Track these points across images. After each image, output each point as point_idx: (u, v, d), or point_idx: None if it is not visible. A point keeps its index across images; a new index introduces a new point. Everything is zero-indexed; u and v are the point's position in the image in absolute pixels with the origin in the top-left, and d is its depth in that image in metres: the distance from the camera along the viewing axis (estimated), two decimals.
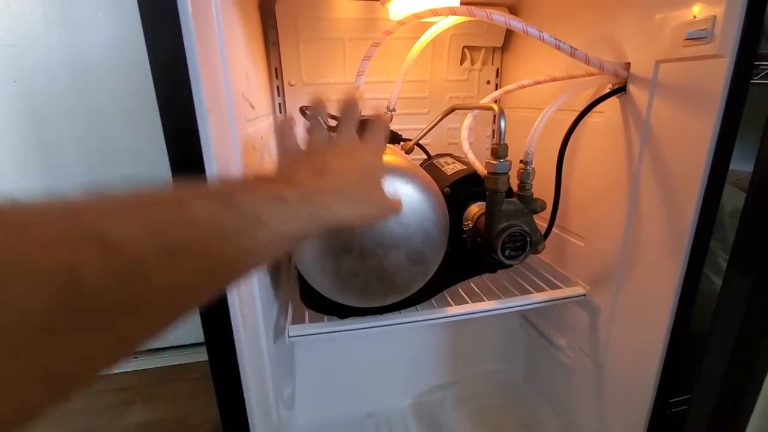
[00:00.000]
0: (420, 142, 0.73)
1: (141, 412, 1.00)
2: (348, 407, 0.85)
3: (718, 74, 0.42)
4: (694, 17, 0.44)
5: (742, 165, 0.56)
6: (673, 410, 0.55)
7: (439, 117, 0.69)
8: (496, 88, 0.86)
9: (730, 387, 0.51)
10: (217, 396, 0.41)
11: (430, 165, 0.70)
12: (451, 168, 0.66)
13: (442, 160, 0.71)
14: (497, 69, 0.84)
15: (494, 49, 0.82)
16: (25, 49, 0.96)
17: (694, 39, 0.44)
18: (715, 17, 0.42)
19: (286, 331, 0.54)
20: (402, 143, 0.73)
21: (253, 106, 0.53)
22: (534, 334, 0.82)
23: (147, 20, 0.30)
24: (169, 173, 0.33)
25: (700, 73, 0.44)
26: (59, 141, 1.02)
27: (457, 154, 0.74)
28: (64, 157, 1.03)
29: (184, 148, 0.31)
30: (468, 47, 0.81)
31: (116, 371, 1.13)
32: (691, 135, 0.45)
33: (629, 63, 0.52)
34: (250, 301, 0.45)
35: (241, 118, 0.45)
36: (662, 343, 0.51)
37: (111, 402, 1.03)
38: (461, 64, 0.82)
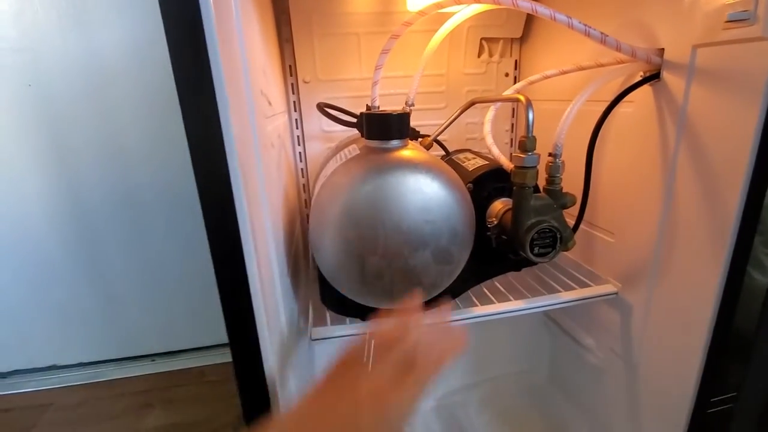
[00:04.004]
0: (438, 137, 0.71)
1: (160, 416, 0.99)
2: None
3: (762, 58, 0.39)
4: None
5: None
6: (716, 409, 0.53)
7: (459, 111, 0.67)
8: (515, 81, 0.83)
9: None
10: (242, 401, 0.40)
11: (449, 161, 0.69)
12: (472, 164, 0.64)
13: (461, 156, 0.69)
14: (516, 61, 0.82)
15: (513, 40, 0.80)
16: (40, 52, 0.96)
17: (735, 21, 0.41)
18: None
19: (308, 334, 0.53)
20: (420, 139, 0.71)
21: (270, 103, 0.52)
22: (559, 333, 0.80)
23: (168, 15, 0.28)
24: (184, 175, 0.32)
25: (743, 57, 0.41)
26: (74, 144, 1.02)
27: (476, 150, 0.72)
28: (79, 160, 1.03)
29: (206, 146, 0.30)
30: (486, 39, 0.79)
31: (135, 374, 1.13)
32: (733, 123, 0.43)
33: (662, 49, 0.49)
34: (274, 302, 0.43)
35: (261, 115, 0.44)
36: (703, 342, 0.48)
37: (130, 405, 1.03)
38: (479, 56, 0.80)
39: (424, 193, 0.44)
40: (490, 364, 0.88)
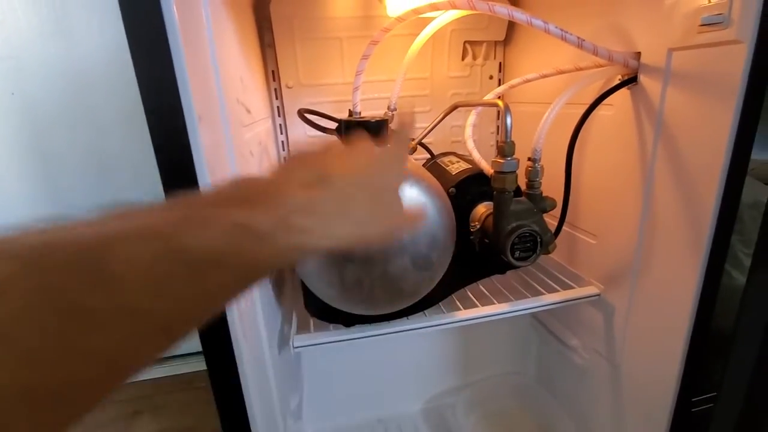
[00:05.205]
0: (423, 141, 0.71)
1: (149, 422, 0.99)
2: (357, 414, 0.83)
3: (736, 61, 0.40)
4: (709, 1, 0.41)
5: (759, 153, 0.53)
6: (697, 409, 0.53)
7: (442, 115, 0.66)
8: (499, 84, 0.83)
9: (760, 383, 0.49)
10: (219, 411, 0.40)
11: (433, 165, 0.69)
12: (455, 167, 0.64)
13: (446, 159, 0.69)
14: (500, 63, 0.82)
15: (496, 43, 0.80)
16: (22, 60, 0.95)
17: (709, 24, 0.41)
18: (731, 0, 0.40)
19: (291, 341, 0.52)
20: None
21: (249, 111, 0.52)
22: (545, 335, 0.80)
23: (130, 24, 0.28)
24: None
25: (718, 60, 0.41)
26: (58, 151, 1.01)
27: (461, 153, 0.72)
28: (63, 168, 1.02)
29: (174, 158, 0.30)
30: (469, 42, 0.79)
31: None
32: (709, 125, 0.43)
33: (639, 52, 0.50)
34: (251, 310, 0.43)
35: (237, 124, 0.44)
36: (683, 342, 0.49)
37: (119, 413, 1.02)
38: (463, 59, 0.80)
39: (419, 208, 0.44)
40: (478, 366, 0.88)
